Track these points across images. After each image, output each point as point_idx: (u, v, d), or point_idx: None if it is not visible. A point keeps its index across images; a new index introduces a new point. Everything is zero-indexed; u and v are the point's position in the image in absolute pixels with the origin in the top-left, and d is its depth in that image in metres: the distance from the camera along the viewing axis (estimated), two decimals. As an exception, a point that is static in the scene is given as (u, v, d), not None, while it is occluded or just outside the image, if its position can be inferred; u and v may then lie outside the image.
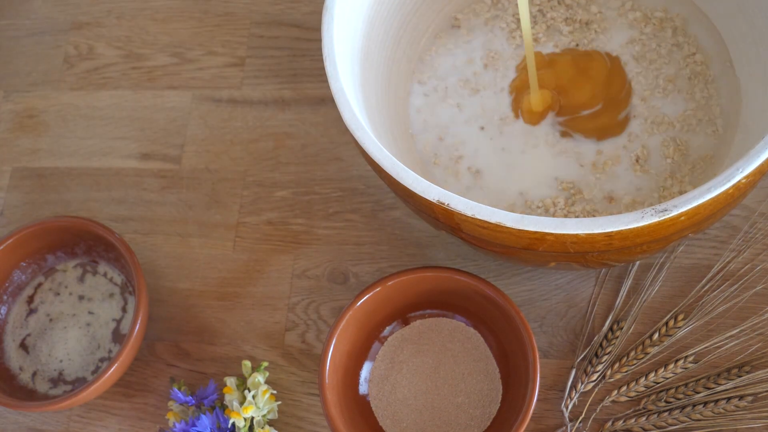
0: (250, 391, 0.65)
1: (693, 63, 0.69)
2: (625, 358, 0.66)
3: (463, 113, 0.71)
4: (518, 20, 0.73)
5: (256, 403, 0.65)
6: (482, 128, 0.70)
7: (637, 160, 0.67)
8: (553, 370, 0.67)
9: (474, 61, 0.72)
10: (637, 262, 0.69)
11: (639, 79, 0.69)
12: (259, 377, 0.66)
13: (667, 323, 0.66)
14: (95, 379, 0.65)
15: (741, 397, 0.63)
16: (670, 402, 0.64)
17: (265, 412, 0.66)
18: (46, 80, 0.84)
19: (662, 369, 0.65)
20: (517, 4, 0.73)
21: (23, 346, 0.72)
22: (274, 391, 0.67)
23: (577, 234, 0.52)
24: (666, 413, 0.64)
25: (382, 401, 0.66)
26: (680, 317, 0.66)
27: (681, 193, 0.65)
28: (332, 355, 0.63)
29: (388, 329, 0.68)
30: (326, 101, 0.78)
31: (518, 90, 0.70)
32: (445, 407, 0.65)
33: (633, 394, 0.65)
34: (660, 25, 0.71)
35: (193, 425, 0.64)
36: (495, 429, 0.64)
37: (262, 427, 0.65)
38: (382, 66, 0.69)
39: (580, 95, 0.70)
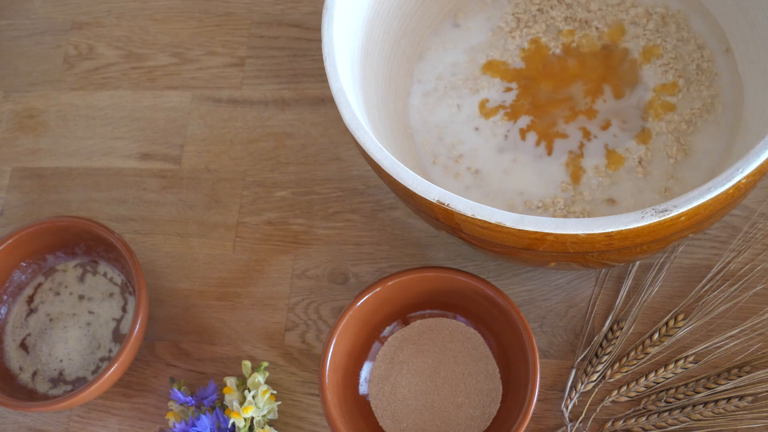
0: (250, 391, 0.65)
1: (700, 58, 0.69)
2: (625, 359, 0.66)
3: (462, 113, 0.71)
4: (518, 19, 0.73)
5: (256, 403, 0.65)
6: (477, 129, 0.70)
7: (639, 162, 0.67)
8: (553, 370, 0.67)
9: (474, 61, 0.72)
10: (637, 262, 0.69)
11: (649, 74, 0.69)
12: (259, 377, 0.66)
13: (667, 323, 0.66)
14: (95, 379, 0.65)
15: (741, 397, 0.63)
16: (670, 402, 0.64)
17: (265, 412, 0.66)
18: (46, 80, 0.83)
19: (662, 369, 0.65)
20: (516, 3, 0.73)
21: (23, 346, 0.72)
22: (274, 391, 0.67)
23: (577, 234, 0.52)
24: (666, 413, 0.64)
25: (382, 401, 0.66)
26: (680, 317, 0.66)
27: (682, 193, 0.65)
28: (332, 355, 0.63)
29: (388, 329, 0.68)
30: (326, 101, 0.78)
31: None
32: (445, 407, 0.65)
33: (633, 394, 0.65)
34: (662, 21, 0.71)
35: (193, 425, 0.64)
36: (495, 429, 0.64)
37: (262, 427, 0.65)
38: (382, 66, 0.69)
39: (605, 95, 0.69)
